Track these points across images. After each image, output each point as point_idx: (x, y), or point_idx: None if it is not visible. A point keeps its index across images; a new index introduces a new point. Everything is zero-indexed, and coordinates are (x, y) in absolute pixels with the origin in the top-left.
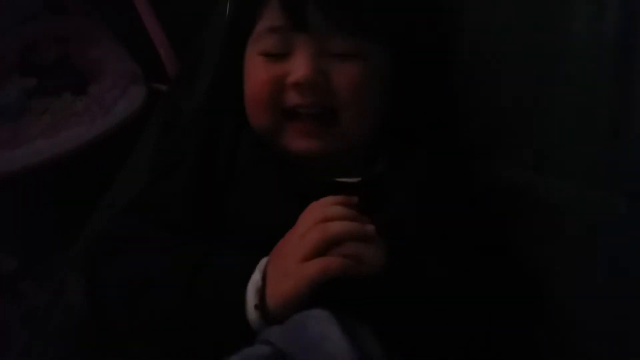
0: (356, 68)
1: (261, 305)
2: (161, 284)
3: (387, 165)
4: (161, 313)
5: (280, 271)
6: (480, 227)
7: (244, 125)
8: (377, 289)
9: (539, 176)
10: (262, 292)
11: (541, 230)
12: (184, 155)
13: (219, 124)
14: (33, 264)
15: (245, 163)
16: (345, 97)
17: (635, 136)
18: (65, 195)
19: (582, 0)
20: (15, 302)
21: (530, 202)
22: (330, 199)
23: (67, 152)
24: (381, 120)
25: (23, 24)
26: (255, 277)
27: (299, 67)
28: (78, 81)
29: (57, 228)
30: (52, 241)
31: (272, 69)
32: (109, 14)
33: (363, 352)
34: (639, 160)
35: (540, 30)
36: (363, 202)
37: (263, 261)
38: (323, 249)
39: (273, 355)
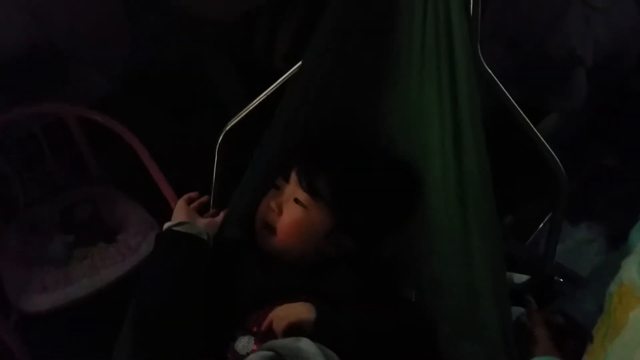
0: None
1: None
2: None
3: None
4: None
5: None
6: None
7: None
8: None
9: None
10: None
11: None
12: None
13: None
14: None
15: None
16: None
17: None
18: (104, 318)
19: None
20: None
21: None
22: None
23: (107, 286)
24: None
25: (58, 194)
26: None
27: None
28: (108, 233)
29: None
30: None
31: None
32: (132, 179)
33: None
34: None
35: None
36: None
37: None
38: None
39: (276, 358)
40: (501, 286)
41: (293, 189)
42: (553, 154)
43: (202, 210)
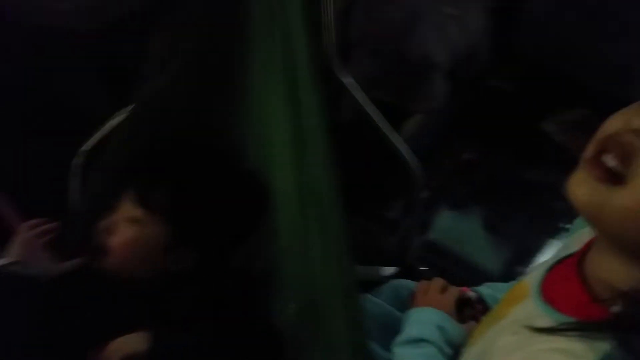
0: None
1: None
2: None
3: None
4: None
5: None
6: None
7: None
8: None
9: None
10: None
11: None
12: None
13: None
14: None
15: None
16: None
17: None
18: None
19: None
20: None
21: None
22: None
23: None
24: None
25: None
26: None
27: None
28: None
29: None
30: None
31: None
32: None
33: None
34: None
35: None
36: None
37: None
38: None
39: None
40: (350, 287)
41: (127, 206)
42: (403, 152)
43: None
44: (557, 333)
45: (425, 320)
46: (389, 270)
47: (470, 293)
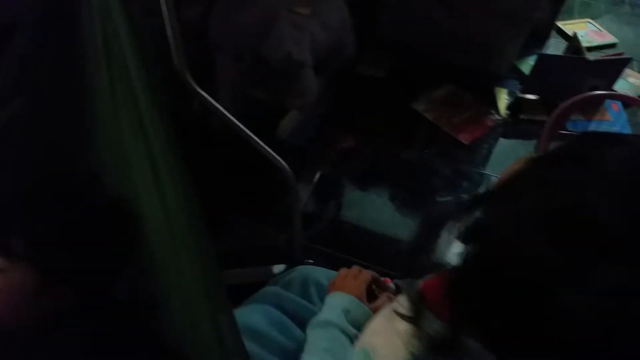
0: None
1: None
2: None
3: None
4: None
5: None
6: None
7: None
8: None
9: None
10: None
11: None
12: None
13: None
14: None
15: None
16: None
17: None
18: None
19: None
20: None
21: None
22: None
23: None
24: None
25: None
26: None
27: None
28: None
29: None
30: None
31: None
32: None
33: None
34: None
35: None
36: None
37: None
38: None
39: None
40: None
41: None
42: (273, 153)
43: None
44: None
45: (334, 304)
46: (279, 267)
47: (390, 284)
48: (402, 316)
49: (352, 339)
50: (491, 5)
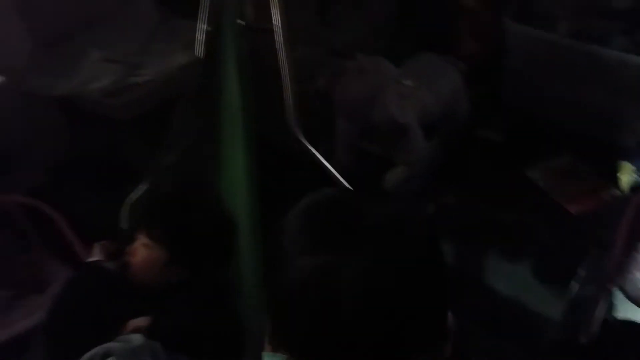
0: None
1: None
2: None
3: None
4: None
5: None
6: None
7: None
8: None
9: None
10: None
11: None
12: None
13: None
14: None
15: None
16: None
17: None
18: None
19: None
20: None
21: None
22: None
23: None
24: None
25: None
26: None
27: None
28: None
29: None
30: None
31: None
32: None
33: None
34: None
35: None
36: None
37: None
38: None
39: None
40: None
41: (142, 237)
42: None
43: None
44: None
45: None
46: None
47: None
48: None
49: None
50: (617, 81)
